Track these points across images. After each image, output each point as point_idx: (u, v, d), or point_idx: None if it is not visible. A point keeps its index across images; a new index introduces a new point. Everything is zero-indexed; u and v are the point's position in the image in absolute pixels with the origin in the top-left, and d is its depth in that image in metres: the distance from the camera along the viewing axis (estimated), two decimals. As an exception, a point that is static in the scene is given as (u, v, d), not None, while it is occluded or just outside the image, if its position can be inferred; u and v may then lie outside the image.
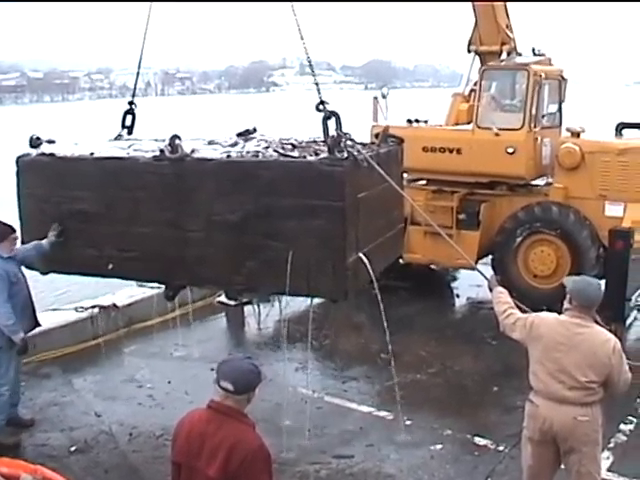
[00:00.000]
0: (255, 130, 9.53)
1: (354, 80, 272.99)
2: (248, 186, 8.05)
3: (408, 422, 9.97)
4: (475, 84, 16.09)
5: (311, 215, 7.80)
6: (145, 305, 13.92)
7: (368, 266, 8.12)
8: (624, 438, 9.67)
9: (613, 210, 14.40)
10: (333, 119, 8.05)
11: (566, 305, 6.88)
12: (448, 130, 16.20)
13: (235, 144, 8.99)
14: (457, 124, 16.52)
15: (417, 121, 16.17)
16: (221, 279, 8.75)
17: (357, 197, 7.99)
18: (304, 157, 8.19)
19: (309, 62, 8.52)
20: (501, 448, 9.41)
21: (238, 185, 8.11)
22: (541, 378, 6.81)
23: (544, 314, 7.10)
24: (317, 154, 8.18)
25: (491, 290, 7.85)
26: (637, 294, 14.58)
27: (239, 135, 9.40)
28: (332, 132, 8.05)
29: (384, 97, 15.79)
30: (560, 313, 6.98)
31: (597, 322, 6.85)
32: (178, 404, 9.90)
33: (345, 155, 7.87)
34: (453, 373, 11.85)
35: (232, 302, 15.10)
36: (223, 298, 15.21)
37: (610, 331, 6.94)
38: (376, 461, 9.10)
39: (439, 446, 9.50)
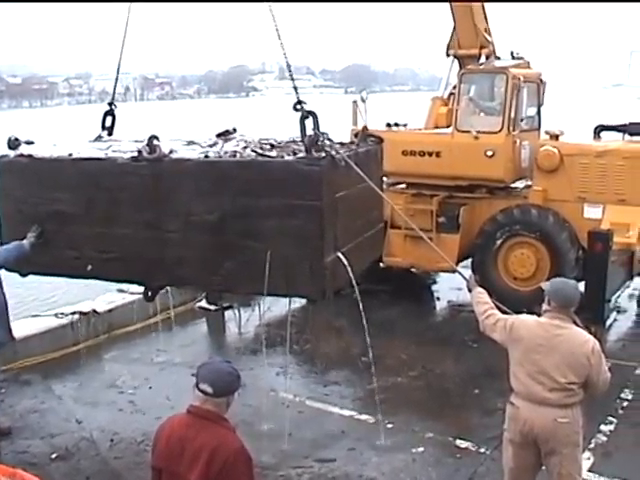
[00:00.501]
0: (235, 131, 9.52)
1: (334, 84, 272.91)
2: (226, 186, 8.04)
3: (389, 425, 9.98)
4: (454, 88, 16.13)
5: (289, 215, 7.79)
6: (125, 311, 13.90)
7: (347, 266, 8.11)
8: (604, 439, 9.69)
9: (592, 212, 14.47)
10: (310, 119, 8.05)
11: (545, 307, 6.90)
12: (427, 134, 16.25)
13: (214, 145, 8.98)
14: (436, 128, 16.57)
15: (396, 125, 16.20)
16: (200, 280, 8.73)
17: (335, 196, 7.99)
18: (282, 157, 8.18)
19: (286, 62, 8.50)
20: (482, 450, 9.42)
21: (216, 185, 8.10)
22: (521, 380, 6.82)
23: (524, 316, 7.11)
24: (295, 154, 8.16)
25: (470, 291, 7.86)
26: (616, 295, 14.66)
27: (219, 136, 9.38)
28: (309, 132, 8.05)
29: (363, 101, 15.79)
30: (540, 315, 7.00)
31: (576, 323, 6.87)
32: (159, 409, 9.84)
33: (322, 154, 7.86)
34: (434, 376, 11.86)
35: (213, 307, 15.11)
36: (204, 303, 15.21)
37: (590, 332, 6.97)
38: (358, 464, 9.10)
39: (420, 449, 9.49)
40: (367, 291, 9.70)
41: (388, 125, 15.97)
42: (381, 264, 15.05)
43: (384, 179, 14.84)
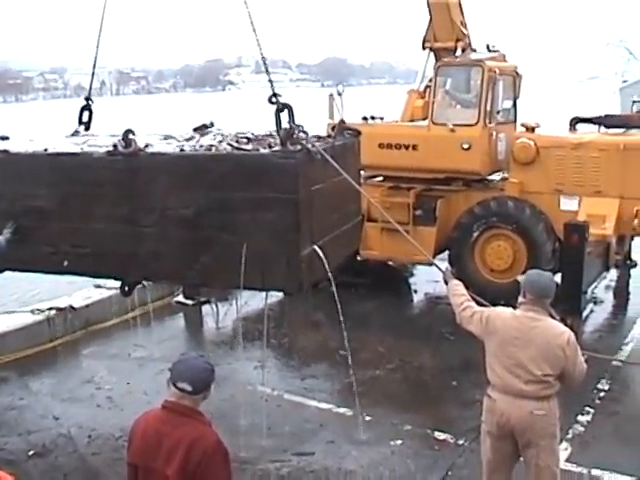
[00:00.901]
0: (212, 124, 9.48)
1: (310, 78, 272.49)
2: (201, 180, 7.99)
3: (368, 418, 9.99)
4: (430, 81, 16.14)
5: (264, 208, 7.75)
6: (102, 306, 13.85)
7: (323, 259, 8.09)
8: (582, 429, 9.75)
9: (568, 204, 14.54)
10: (286, 111, 8.02)
11: (520, 299, 6.91)
12: (404, 126, 16.25)
13: (191, 139, 8.94)
14: (412, 120, 16.57)
15: (373, 118, 16.19)
16: (176, 274, 8.69)
17: (311, 189, 7.95)
18: (257, 150, 8.14)
19: (261, 55, 8.46)
20: (461, 442, 9.45)
21: (191, 179, 8.06)
22: (498, 372, 6.83)
23: (499, 309, 7.13)
24: (271, 147, 8.12)
25: (447, 283, 7.87)
26: (593, 287, 14.73)
27: (196, 130, 9.34)
28: (285, 125, 8.02)
29: (340, 94, 15.78)
30: (516, 308, 7.02)
31: (552, 315, 6.88)
32: (137, 405, 9.80)
33: (298, 147, 7.83)
34: (412, 369, 11.88)
35: (190, 302, 15.07)
36: (181, 298, 15.17)
37: (566, 324, 7.00)
38: (337, 458, 9.10)
39: (399, 441, 9.51)
40: (344, 284, 9.70)
41: (364, 118, 15.95)
42: (358, 257, 15.06)
43: (361, 172, 14.90)
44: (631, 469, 8.75)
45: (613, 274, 16.47)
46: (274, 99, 8.02)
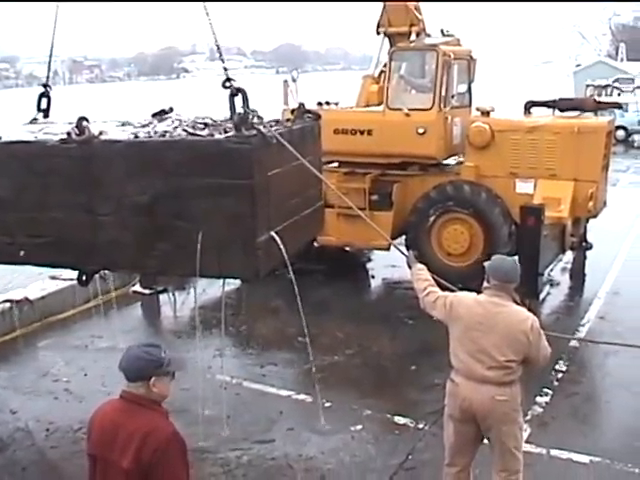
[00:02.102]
0: (171, 110, 9.36)
1: (265, 65, 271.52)
2: (156, 167, 7.88)
3: (327, 404, 9.98)
4: (385, 66, 16.12)
5: (220, 194, 7.67)
6: (59, 298, 13.72)
7: (280, 245, 8.03)
8: (540, 410, 9.83)
9: (524, 187, 14.62)
10: (240, 96, 7.93)
11: (485, 284, 6.93)
12: (359, 112, 16.23)
13: (148, 125, 8.83)
14: (368, 106, 16.56)
15: (327, 103, 16.16)
16: (134, 263, 8.59)
17: (267, 175, 7.87)
18: (211, 135, 8.07)
19: (215, 41, 8.37)
20: (421, 426, 9.49)
21: (146, 166, 7.94)
22: (461, 358, 6.84)
23: (463, 294, 7.12)
24: (227, 132, 8.04)
25: (410, 267, 7.84)
26: (549, 269, 14.84)
27: (154, 115, 9.23)
28: (239, 109, 7.95)
29: (294, 80, 15.76)
30: (478, 292, 7.03)
31: (515, 301, 6.90)
32: (95, 396, 9.66)
33: (253, 132, 7.74)
34: (371, 354, 11.90)
35: (147, 291, 14.98)
36: (138, 287, 15.08)
37: (524, 306, 7.01)
38: (297, 444, 9.11)
39: (359, 427, 9.53)
40: (302, 271, 9.68)
41: (319, 104, 15.89)
42: (315, 243, 15.04)
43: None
44: (589, 448, 8.86)
45: (569, 256, 16.61)
46: (228, 84, 7.94)
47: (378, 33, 16.49)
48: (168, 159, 7.85)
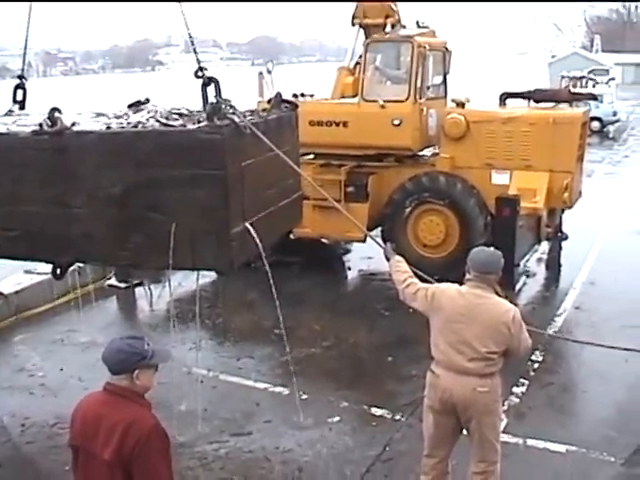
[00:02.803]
0: (148, 101, 9.26)
1: (241, 57, 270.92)
2: (128, 158, 7.78)
3: (305, 396, 9.97)
4: (360, 57, 16.09)
5: (192, 185, 7.58)
6: (33, 292, 13.63)
7: (255, 237, 7.95)
8: (517, 400, 9.86)
9: (499, 178, 14.66)
10: (212, 86, 7.83)
11: (467, 276, 6.90)
12: (334, 104, 16.19)
13: (123, 116, 8.74)
14: (343, 97, 16.53)
15: (303, 95, 16.12)
16: (107, 255, 8.45)
17: (241, 165, 7.79)
18: (184, 126, 7.98)
19: (188, 33, 8.30)
20: (398, 417, 9.51)
21: (118, 157, 7.84)
22: (442, 349, 6.82)
23: (445, 285, 7.09)
24: (200, 122, 7.98)
25: (388, 259, 7.82)
26: (525, 260, 14.88)
27: (130, 106, 9.14)
28: (212, 99, 7.88)
29: (269, 72, 15.73)
30: (460, 283, 7.02)
31: (497, 293, 6.89)
32: (72, 391, 9.73)
33: (225, 122, 7.66)
34: (347, 345, 11.90)
35: (123, 284, 14.92)
36: (113, 281, 15.01)
37: (500, 297, 7.01)
38: (274, 437, 9.10)
39: (336, 418, 9.54)
40: (278, 263, 9.69)
41: (294, 96, 15.81)
42: (291, 236, 15.01)
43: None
44: (565, 438, 8.92)
45: (545, 247, 16.67)
46: (200, 73, 7.87)
47: (353, 25, 16.46)
48: (140, 150, 7.75)
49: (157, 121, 8.12)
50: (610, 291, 14.24)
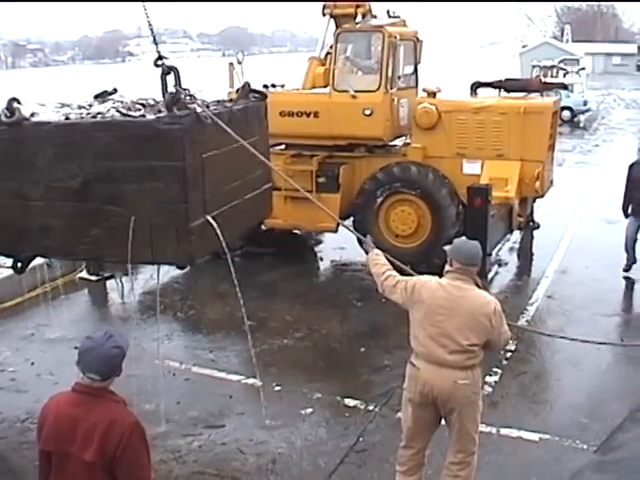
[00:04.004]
0: (115, 91, 9.15)
1: (211, 47, 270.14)
2: (87, 149, 7.68)
3: (277, 388, 9.99)
4: (331, 47, 16.05)
5: (152, 177, 7.49)
6: (3, 286, 13.42)
7: (217, 230, 7.84)
8: (490, 389, 9.88)
9: (471, 168, 14.69)
10: (172, 75, 7.71)
11: (447, 267, 6.87)
12: (305, 94, 16.16)
13: (88, 106, 8.62)
14: (314, 88, 16.49)
15: (274, 86, 16.06)
16: (67, 249, 8.34)
17: (202, 157, 7.69)
18: (143, 116, 7.88)
19: (148, 22, 8.17)
20: (371, 408, 9.50)
21: (77, 149, 7.73)
22: (422, 342, 6.77)
23: (425, 278, 7.04)
24: (160, 112, 7.86)
25: (367, 253, 7.76)
26: (497, 249, 14.91)
27: (97, 97, 9.03)
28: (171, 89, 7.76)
29: (239, 63, 15.65)
30: (435, 274, 7.00)
31: (477, 285, 6.88)
32: (43, 386, 9.66)
33: (185, 112, 7.56)
34: (320, 336, 11.88)
35: (94, 277, 14.81)
36: (84, 274, 14.90)
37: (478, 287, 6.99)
38: (248, 429, 9.07)
39: (310, 410, 9.52)
40: (250, 254, 9.65)
41: (265, 86, 15.74)
42: (263, 227, 14.96)
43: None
44: (538, 426, 8.98)
45: (517, 236, 16.71)
46: (159, 62, 7.76)
47: (324, 15, 16.42)
48: (98, 141, 7.64)
49: (118, 111, 7.99)
50: (582, 279, 14.31)
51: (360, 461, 8.40)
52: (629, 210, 14.29)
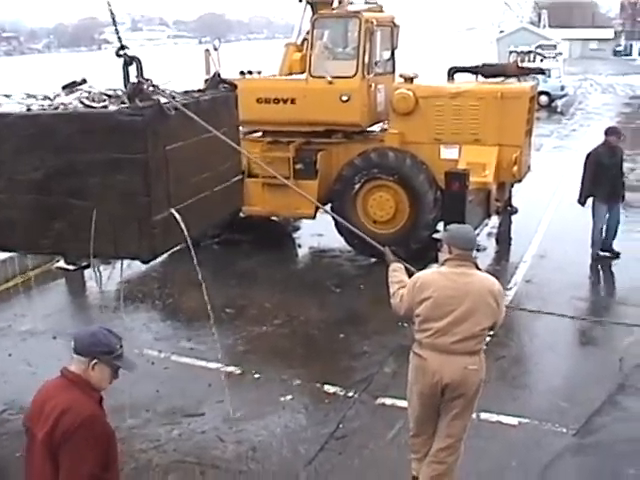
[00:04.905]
0: (85, 81, 9.02)
1: (188, 34, 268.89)
2: (48, 141, 7.50)
3: (257, 375, 9.98)
4: (307, 33, 15.99)
5: (114, 170, 7.31)
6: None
7: (181, 223, 7.66)
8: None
9: (448, 153, 14.68)
10: (134, 65, 7.56)
11: (445, 256, 6.79)
12: (281, 80, 16.09)
13: (54, 97, 8.48)
14: (291, 74, 16.43)
15: (250, 73, 15.99)
16: (30, 243, 8.12)
17: (165, 149, 7.53)
18: (105, 107, 7.69)
19: (110, 10, 8.06)
20: (351, 394, 9.50)
21: (38, 140, 7.55)
22: (431, 333, 6.68)
23: (424, 274, 6.93)
24: (124, 103, 7.67)
25: (387, 265, 7.49)
26: (475, 234, 14.90)
27: (65, 87, 8.91)
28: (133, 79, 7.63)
29: (216, 49, 15.56)
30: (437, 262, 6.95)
31: (478, 268, 6.85)
32: (21, 377, 9.60)
33: (148, 103, 7.39)
34: (299, 323, 11.87)
35: (71, 267, 14.73)
36: (62, 263, 14.82)
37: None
38: (227, 417, 9.04)
39: (289, 397, 9.52)
40: (228, 241, 9.60)
41: (242, 73, 15.72)
42: (241, 214, 14.92)
43: (240, 128, 14.69)
44: (517, 410, 9.02)
45: (495, 221, 16.73)
46: (121, 52, 7.65)
47: (300, 0, 16.35)
48: (60, 133, 7.46)
49: (81, 103, 7.87)
50: (560, 264, 14.35)
51: (340, 448, 8.40)
52: (598, 196, 14.34)
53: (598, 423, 8.79)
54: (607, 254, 14.64)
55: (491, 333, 10.74)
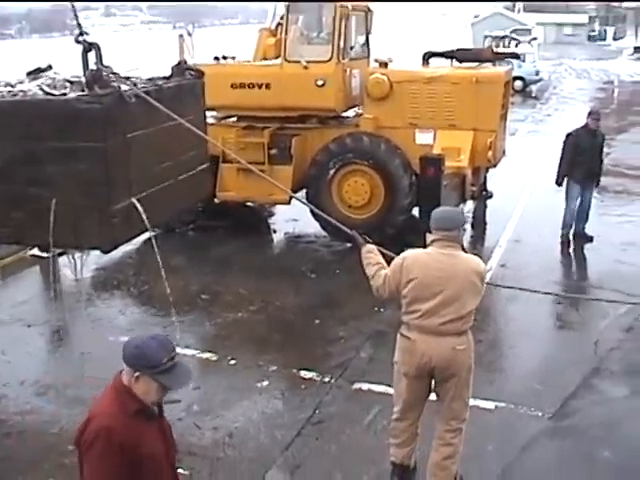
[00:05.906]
0: (50, 68, 8.90)
1: (162, 20, 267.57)
2: (7, 129, 7.42)
3: (233, 362, 9.95)
4: (282, 18, 15.91)
5: (73, 159, 7.24)
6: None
7: (142, 213, 7.57)
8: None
9: (423, 138, 14.67)
10: (94, 52, 7.50)
11: (432, 237, 6.76)
12: (256, 65, 16.00)
13: (17, 83, 8.35)
14: (265, 59, 16.36)
15: (224, 58, 15.91)
16: None
17: (126, 137, 7.46)
18: (65, 95, 7.59)
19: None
20: (327, 379, 9.50)
21: None
22: (419, 315, 6.67)
23: (410, 253, 6.87)
24: (84, 91, 7.56)
25: (359, 250, 7.47)
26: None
27: (29, 74, 8.79)
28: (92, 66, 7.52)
29: (189, 35, 15.48)
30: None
31: (464, 249, 6.85)
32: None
33: (107, 91, 7.30)
34: (275, 309, 11.84)
35: (45, 254, 14.61)
36: (36, 251, 14.70)
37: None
38: (204, 403, 9.02)
39: (265, 382, 9.50)
40: (203, 227, 9.54)
41: (216, 58, 15.65)
42: (215, 200, 14.86)
43: (214, 113, 14.62)
44: (494, 395, 9.04)
45: (470, 206, 16.75)
46: (80, 38, 7.55)
47: (274, -16, 16.29)
48: (19, 120, 7.39)
49: (41, 90, 7.78)
50: (535, 248, 14.42)
51: (317, 433, 8.39)
52: (573, 177, 14.42)
53: (573, 407, 8.84)
54: (580, 238, 14.71)
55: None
